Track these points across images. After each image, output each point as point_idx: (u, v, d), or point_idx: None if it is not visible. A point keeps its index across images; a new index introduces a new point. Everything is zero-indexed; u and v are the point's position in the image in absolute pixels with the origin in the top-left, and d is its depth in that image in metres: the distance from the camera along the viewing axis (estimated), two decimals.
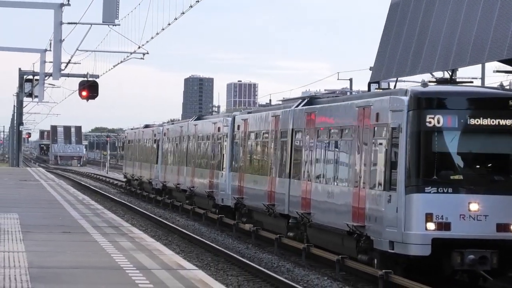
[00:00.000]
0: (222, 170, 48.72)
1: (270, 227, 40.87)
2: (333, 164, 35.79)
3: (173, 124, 68.91)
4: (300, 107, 39.18)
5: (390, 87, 40.51)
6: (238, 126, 47.68)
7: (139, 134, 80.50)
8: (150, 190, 71.98)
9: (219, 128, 50.22)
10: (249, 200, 44.39)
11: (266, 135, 42.66)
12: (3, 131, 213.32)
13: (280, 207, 38.18)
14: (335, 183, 34.70)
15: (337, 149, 35.57)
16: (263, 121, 43.95)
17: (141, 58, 66.65)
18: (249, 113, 48.90)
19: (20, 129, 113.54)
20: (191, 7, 45.97)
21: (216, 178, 50.01)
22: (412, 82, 39.44)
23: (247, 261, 35.96)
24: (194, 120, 59.18)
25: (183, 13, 46.54)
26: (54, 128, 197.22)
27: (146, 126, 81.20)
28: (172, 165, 64.20)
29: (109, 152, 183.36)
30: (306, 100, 39.61)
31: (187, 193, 57.85)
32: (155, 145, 70.43)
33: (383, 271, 30.00)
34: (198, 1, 42.76)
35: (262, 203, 40.56)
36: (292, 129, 38.65)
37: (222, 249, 39.53)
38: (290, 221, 36.21)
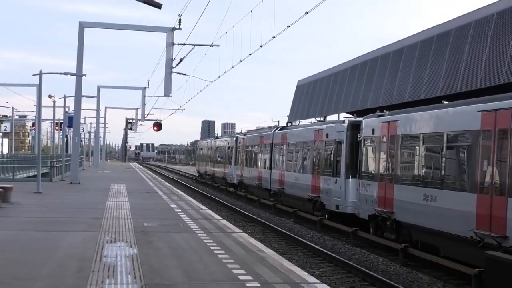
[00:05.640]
0: (336, 176, 24.39)
1: (460, 256, 15.23)
2: None
3: (245, 135, 43.84)
4: None
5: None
6: (373, 130, 20.94)
7: (211, 143, 57.27)
8: (222, 183, 48.48)
9: (327, 135, 25.89)
10: (408, 216, 17.89)
11: (454, 138, 15.93)
12: (118, 146, 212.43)
13: None
14: None
15: None
16: (442, 121, 16.63)
17: (181, 112, 67.33)
18: (378, 116, 21.32)
19: (126, 145, 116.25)
20: (205, 88, 46.65)
21: (325, 183, 25.29)
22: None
23: (230, 205, 33.47)
24: (279, 130, 34.61)
25: (202, 90, 47.13)
26: (141, 144, 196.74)
27: (217, 138, 58.82)
28: (250, 167, 39.80)
29: (167, 155, 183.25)
30: None
31: (271, 192, 34.00)
32: (228, 150, 47.09)
33: None
34: (207, 85, 43.09)
35: (458, 227, 14.96)
36: None
37: (214, 197, 35.97)
38: None
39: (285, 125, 37.71)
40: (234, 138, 45.55)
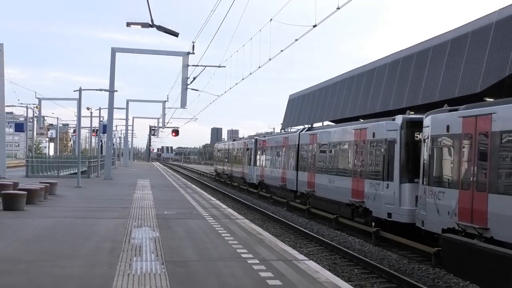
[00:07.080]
0: (388, 180, 16.94)
1: None
2: None
3: (265, 136, 37.20)
4: None
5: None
6: (448, 127, 13.16)
7: (229, 145, 49.63)
8: (240, 182, 41.76)
9: (373, 134, 18.26)
10: None
11: None
12: (143, 148, 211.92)
13: None
14: None
15: None
16: None
17: (195, 120, 67.30)
18: (449, 110, 13.78)
19: (150, 148, 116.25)
20: (214, 101, 46.47)
21: (372, 188, 17.89)
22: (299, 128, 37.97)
23: (235, 197, 33.12)
24: (306, 131, 27.16)
25: (211, 102, 47.02)
26: (162, 147, 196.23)
27: (234, 140, 51.31)
28: (272, 168, 32.86)
29: (183, 156, 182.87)
30: None
31: (297, 193, 27.13)
32: (247, 152, 40.02)
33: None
34: (216, 99, 43.16)
35: None
36: None
37: (222, 190, 35.27)
38: None
39: (279, 131, 37.69)
40: (253, 140, 39.22)
